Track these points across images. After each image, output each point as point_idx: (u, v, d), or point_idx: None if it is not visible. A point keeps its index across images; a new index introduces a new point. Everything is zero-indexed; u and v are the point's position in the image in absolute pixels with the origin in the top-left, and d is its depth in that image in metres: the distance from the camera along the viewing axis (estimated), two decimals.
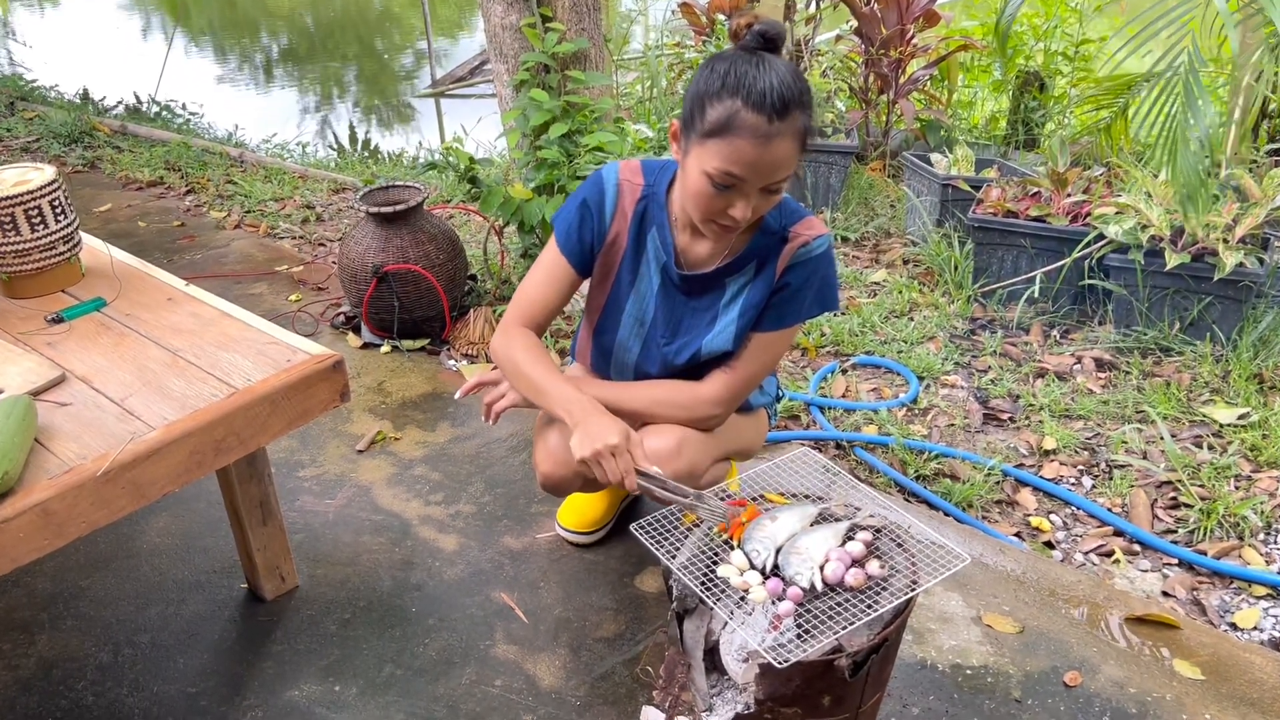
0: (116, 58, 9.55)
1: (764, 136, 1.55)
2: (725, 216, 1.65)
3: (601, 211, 1.85)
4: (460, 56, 9.61)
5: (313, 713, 1.88)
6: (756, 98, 1.54)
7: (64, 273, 2.05)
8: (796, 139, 1.59)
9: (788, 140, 1.57)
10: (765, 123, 1.55)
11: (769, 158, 1.57)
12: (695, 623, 1.54)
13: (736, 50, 1.62)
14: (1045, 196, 3.46)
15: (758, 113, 1.54)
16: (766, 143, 1.56)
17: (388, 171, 5.28)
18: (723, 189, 1.61)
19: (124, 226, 4.40)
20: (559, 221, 1.88)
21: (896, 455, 2.68)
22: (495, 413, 1.97)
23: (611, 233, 1.86)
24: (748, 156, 1.57)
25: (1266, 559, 2.30)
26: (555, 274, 1.88)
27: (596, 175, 1.87)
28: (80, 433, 1.60)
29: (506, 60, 3.45)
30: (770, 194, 1.65)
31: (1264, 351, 2.97)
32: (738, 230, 1.70)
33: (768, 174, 1.60)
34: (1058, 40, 5.24)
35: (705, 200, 1.64)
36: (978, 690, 1.90)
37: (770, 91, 1.54)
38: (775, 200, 1.68)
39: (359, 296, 3.19)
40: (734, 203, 1.63)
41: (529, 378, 1.82)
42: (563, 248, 1.86)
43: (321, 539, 2.36)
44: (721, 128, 1.57)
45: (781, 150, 1.57)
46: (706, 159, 1.60)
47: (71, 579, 2.24)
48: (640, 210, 1.84)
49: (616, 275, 1.90)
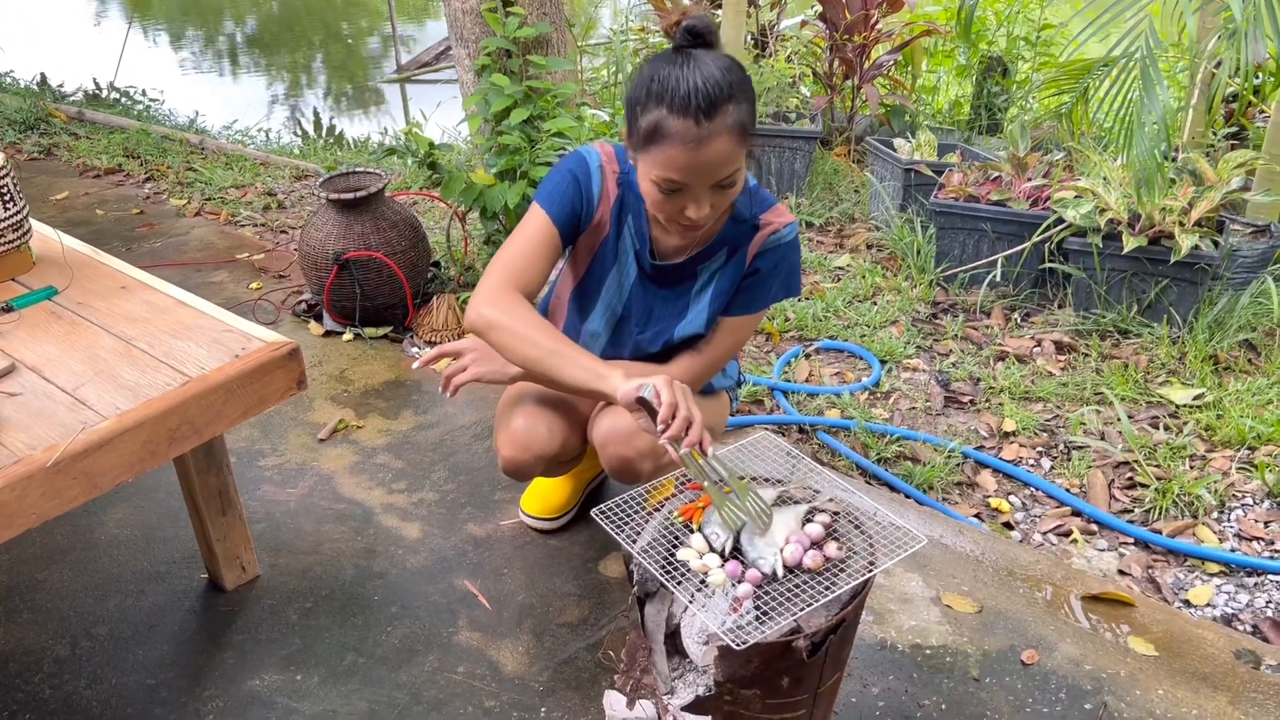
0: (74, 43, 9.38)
1: (695, 140, 1.53)
2: (683, 217, 1.64)
3: (590, 190, 1.81)
4: (426, 41, 9.54)
5: (274, 702, 1.87)
6: (681, 102, 1.52)
7: (13, 261, 2.02)
8: (733, 134, 1.56)
9: (721, 139, 1.55)
10: (694, 126, 1.52)
11: (704, 159, 1.55)
12: (656, 607, 1.54)
13: (667, 51, 1.60)
14: (1006, 181, 3.49)
15: (684, 117, 1.52)
16: (699, 146, 1.54)
17: (352, 158, 5.23)
18: (670, 193, 1.60)
19: (82, 214, 4.33)
20: (546, 189, 1.80)
21: (859, 439, 2.70)
22: (455, 386, 1.90)
23: (598, 214, 1.83)
24: (681, 162, 1.55)
25: (1219, 537, 2.34)
26: (542, 239, 1.77)
27: (579, 155, 1.82)
28: (30, 423, 1.58)
29: (467, 45, 3.42)
30: (724, 189, 1.63)
31: (1219, 333, 3.02)
32: (704, 226, 1.69)
33: (709, 174, 1.58)
34: (1020, 25, 5.27)
35: (658, 205, 1.64)
36: (937, 669, 1.92)
37: (695, 93, 1.51)
38: (732, 193, 1.66)
39: (320, 284, 3.16)
40: (686, 204, 1.62)
41: (541, 344, 1.67)
42: (552, 213, 1.77)
43: (283, 528, 2.34)
44: (652, 136, 1.56)
45: (717, 150, 1.55)
46: (646, 167, 1.60)
47: (27, 571, 2.21)
48: (620, 196, 1.83)
49: (594, 260, 1.88)
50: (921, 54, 5.30)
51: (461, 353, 1.92)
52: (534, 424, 1.94)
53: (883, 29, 4.73)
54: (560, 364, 1.66)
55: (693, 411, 1.53)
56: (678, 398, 1.53)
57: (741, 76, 1.58)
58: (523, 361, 1.69)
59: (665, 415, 1.52)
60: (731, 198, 1.67)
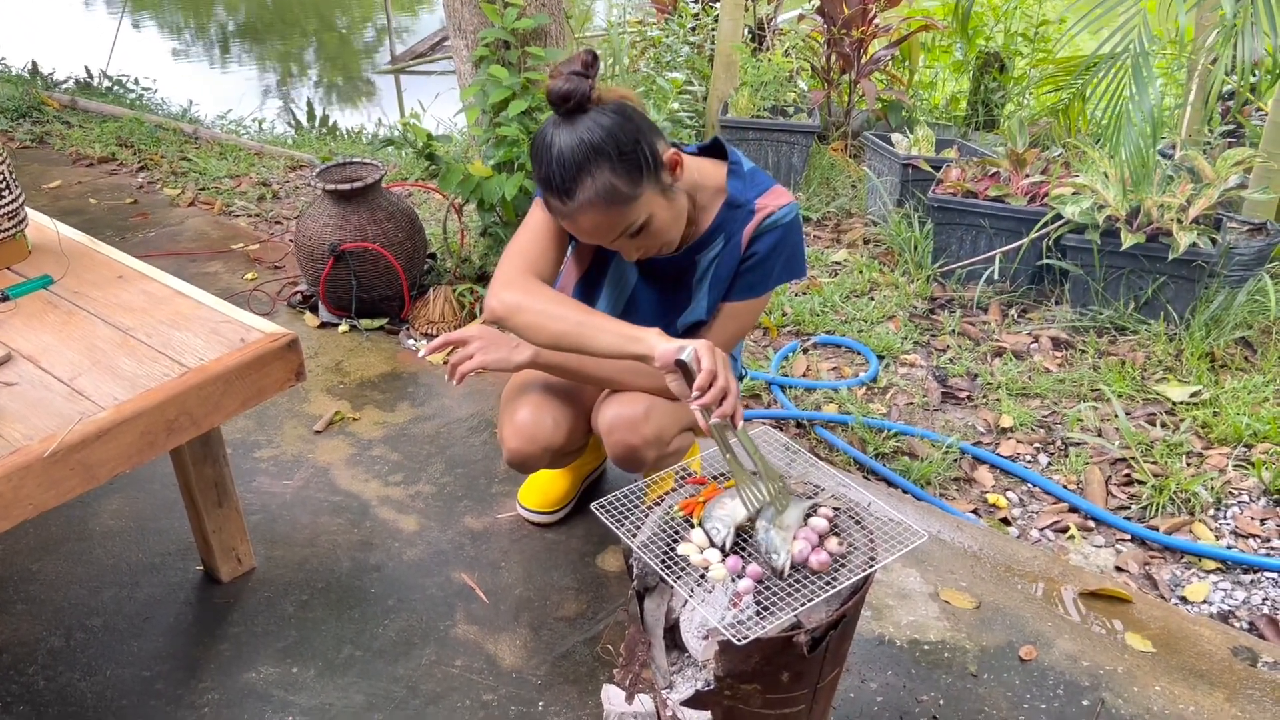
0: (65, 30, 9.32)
1: (568, 215, 1.61)
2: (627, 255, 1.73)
3: None
4: (421, 32, 9.50)
5: (270, 695, 1.87)
6: (544, 183, 1.60)
7: (9, 249, 2.00)
8: (599, 203, 1.58)
9: (591, 209, 1.59)
10: (561, 204, 1.60)
11: (586, 227, 1.63)
12: (656, 601, 1.54)
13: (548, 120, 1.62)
14: (1004, 177, 3.49)
15: (554, 197, 1.60)
16: (574, 219, 1.61)
17: (346, 148, 5.21)
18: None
19: (75, 203, 4.30)
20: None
21: (856, 434, 2.70)
22: (461, 374, 1.87)
23: None
24: (572, 229, 1.65)
25: (1216, 534, 2.34)
26: (548, 228, 1.77)
27: None
28: (27, 413, 1.56)
29: (465, 36, 3.40)
30: (635, 236, 1.66)
31: (1215, 331, 3.02)
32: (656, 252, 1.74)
33: (602, 236, 1.64)
34: (1017, 21, 5.27)
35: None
36: (935, 665, 1.92)
37: (552, 176, 1.58)
38: (652, 233, 1.66)
39: (316, 275, 3.14)
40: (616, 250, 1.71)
41: (568, 317, 1.64)
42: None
43: (279, 520, 2.33)
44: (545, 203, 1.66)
45: (590, 220, 1.61)
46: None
47: (21, 562, 2.19)
48: None
49: (595, 255, 1.88)
50: (919, 49, 5.30)
51: (467, 341, 1.89)
52: (539, 415, 1.93)
53: (880, 24, 4.72)
54: (592, 334, 1.63)
55: (730, 382, 1.51)
56: (717, 365, 1.50)
57: (603, 136, 1.56)
58: (552, 339, 1.67)
59: (703, 381, 1.49)
60: (660, 236, 1.69)
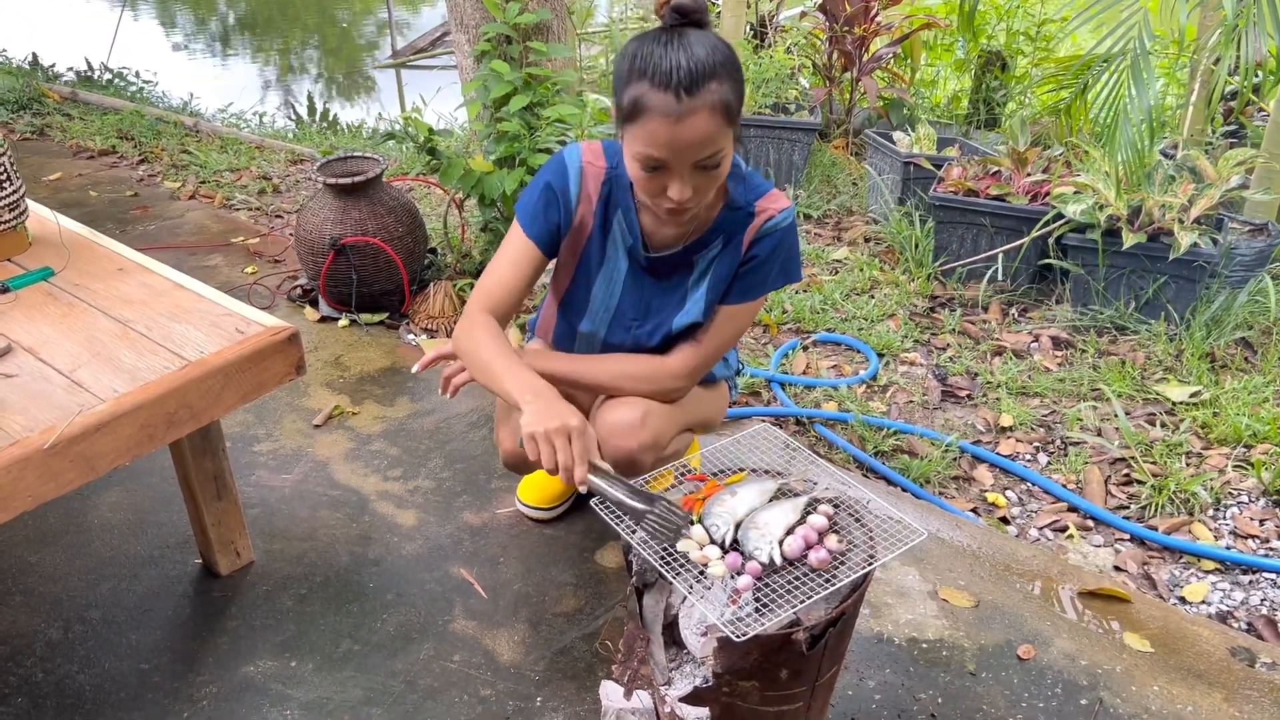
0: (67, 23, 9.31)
1: (674, 116, 1.52)
2: (665, 199, 1.62)
3: (566, 195, 1.81)
4: (422, 27, 9.48)
5: (268, 689, 1.86)
6: (662, 78, 1.51)
7: (10, 241, 2.00)
8: (715, 112, 1.54)
9: (703, 115, 1.53)
10: (674, 101, 1.51)
11: (685, 136, 1.54)
12: (654, 597, 1.54)
13: (655, 29, 1.59)
14: (1005, 176, 3.48)
15: (664, 92, 1.51)
16: (678, 121, 1.53)
17: (347, 142, 5.20)
18: (652, 170, 1.59)
19: (75, 196, 4.30)
20: (523, 205, 1.83)
21: (856, 432, 2.70)
22: (454, 386, 1.91)
23: (577, 217, 1.82)
24: (662, 137, 1.54)
25: (1215, 534, 2.34)
26: (521, 258, 1.81)
27: (558, 158, 1.82)
28: (26, 405, 1.56)
29: (467, 31, 3.40)
30: (707, 170, 1.61)
31: (1216, 331, 3.02)
32: (689, 212, 1.67)
33: (690, 153, 1.56)
34: (1020, 20, 5.26)
35: (641, 184, 1.63)
36: (933, 663, 1.92)
37: (676, 69, 1.51)
38: (717, 176, 1.63)
39: (316, 269, 3.14)
40: (668, 184, 1.60)
41: (486, 364, 1.73)
42: (528, 230, 1.81)
43: (278, 514, 2.33)
44: (634, 111, 1.55)
45: (697, 127, 1.54)
46: (629, 144, 1.59)
47: (20, 554, 2.19)
48: (605, 193, 1.82)
49: (582, 259, 1.87)
50: (920, 47, 5.29)
51: (457, 355, 1.92)
52: None
53: (882, 22, 4.71)
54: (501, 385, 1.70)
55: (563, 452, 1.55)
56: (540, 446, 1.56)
57: (729, 57, 1.57)
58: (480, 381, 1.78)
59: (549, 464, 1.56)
60: (717, 181, 1.65)
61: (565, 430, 1.55)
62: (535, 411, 1.58)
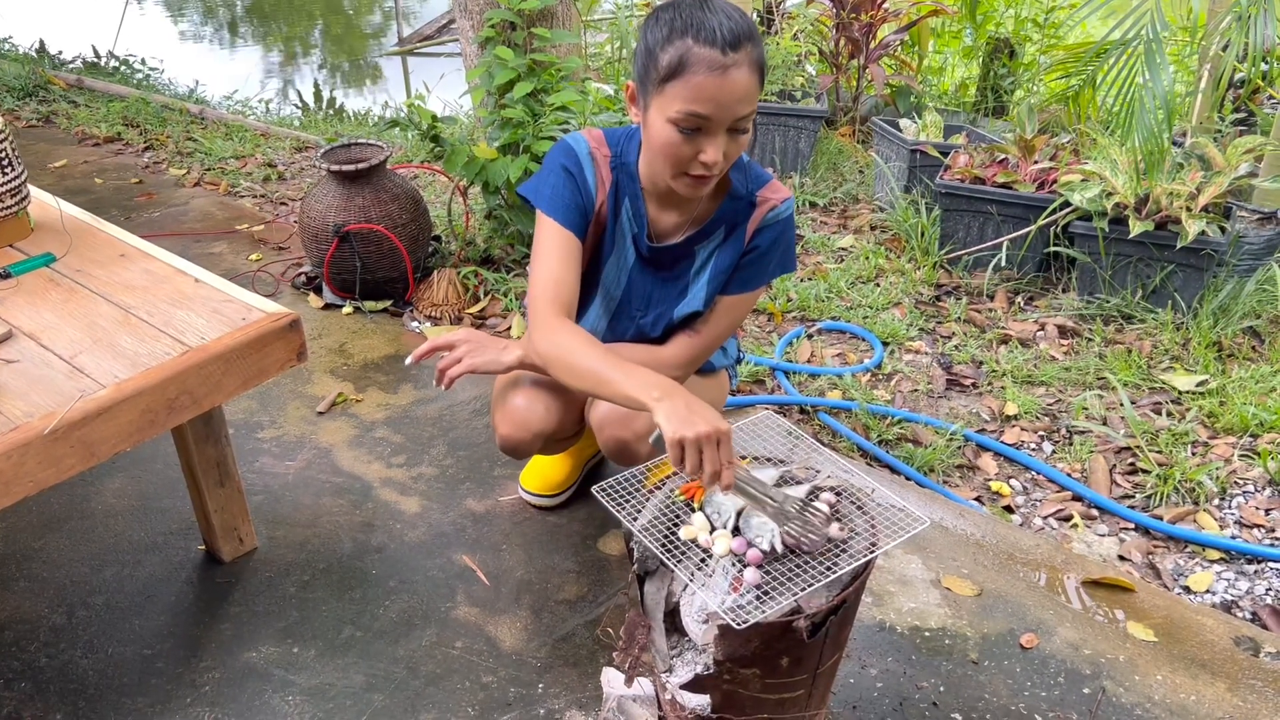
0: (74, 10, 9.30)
1: (721, 68, 1.53)
2: (697, 165, 1.60)
3: (584, 179, 1.78)
4: (428, 15, 9.45)
5: (271, 674, 1.87)
6: (708, 34, 1.52)
7: (12, 227, 2.00)
8: (754, 69, 1.56)
9: (745, 70, 1.54)
10: (720, 54, 1.52)
11: (730, 89, 1.54)
12: (656, 585, 1.54)
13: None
14: (1012, 163, 3.46)
15: (711, 46, 1.52)
16: (725, 74, 1.53)
17: (352, 130, 5.19)
18: (690, 132, 1.57)
19: (80, 183, 4.30)
20: (546, 195, 1.78)
21: (860, 420, 2.69)
22: (450, 378, 1.88)
23: (597, 202, 1.80)
24: (708, 91, 1.54)
25: (1220, 524, 2.33)
26: (563, 249, 1.75)
27: (566, 144, 1.80)
28: (28, 390, 1.56)
29: (472, 17, 3.39)
30: (737, 134, 1.61)
31: (1223, 320, 3.00)
32: (713, 180, 1.66)
33: (732, 107, 1.56)
34: (1028, 7, 5.23)
35: (673, 150, 1.60)
36: (936, 652, 1.91)
37: (720, 26, 1.53)
38: (743, 144, 1.64)
39: (320, 256, 3.14)
40: (703, 147, 1.59)
41: (589, 370, 1.61)
42: (562, 219, 1.75)
43: (281, 501, 2.33)
44: (677, 68, 1.54)
45: (741, 81, 1.54)
46: (668, 105, 1.57)
47: (23, 540, 2.20)
48: (615, 180, 1.81)
49: (598, 247, 1.86)
50: (928, 34, 5.26)
51: (454, 345, 1.90)
52: (532, 403, 1.93)
53: (889, 8, 4.69)
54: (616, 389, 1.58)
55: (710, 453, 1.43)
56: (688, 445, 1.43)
57: (755, 26, 1.59)
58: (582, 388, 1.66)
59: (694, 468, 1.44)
60: (741, 149, 1.65)
61: (716, 435, 1.42)
62: (675, 413, 1.45)
